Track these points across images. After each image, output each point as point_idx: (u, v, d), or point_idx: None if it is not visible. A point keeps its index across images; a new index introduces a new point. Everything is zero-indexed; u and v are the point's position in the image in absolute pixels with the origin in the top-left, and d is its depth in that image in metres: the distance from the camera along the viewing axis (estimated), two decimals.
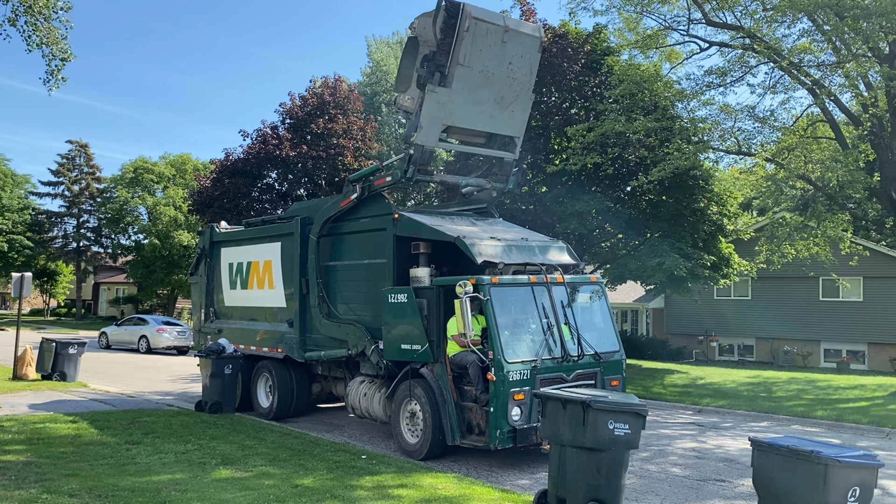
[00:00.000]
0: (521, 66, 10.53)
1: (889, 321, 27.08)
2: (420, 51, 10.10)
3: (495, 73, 10.28)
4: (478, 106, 10.43)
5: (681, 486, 8.76)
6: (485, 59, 10.02)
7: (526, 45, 10.37)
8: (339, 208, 11.55)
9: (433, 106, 9.98)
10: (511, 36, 10.08)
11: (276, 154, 28.89)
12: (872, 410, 14.69)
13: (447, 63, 9.74)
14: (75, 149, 55.13)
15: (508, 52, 10.21)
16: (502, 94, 10.57)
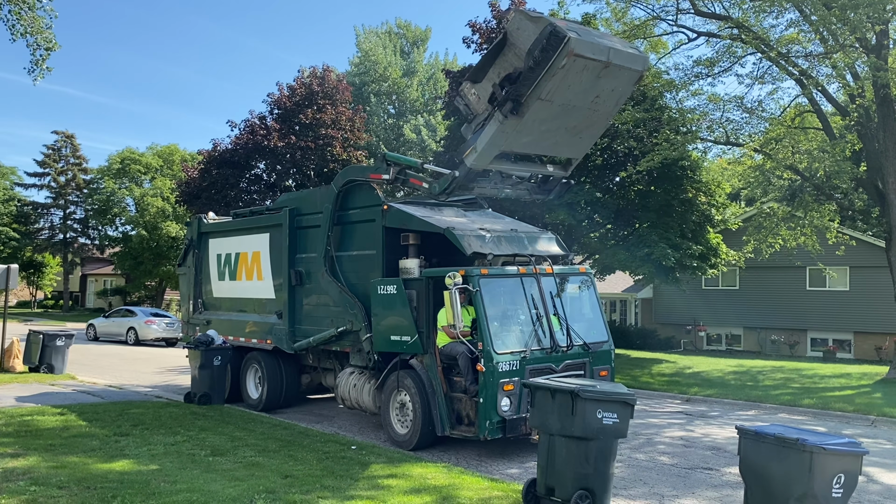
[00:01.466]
0: (608, 100, 9.32)
1: (875, 310, 27.33)
2: (506, 59, 8.90)
3: (577, 106, 9.08)
4: (545, 134, 9.38)
5: (669, 475, 8.83)
6: (570, 94, 8.78)
7: (622, 78, 9.09)
8: (367, 177, 10.95)
9: (497, 134, 8.93)
10: (610, 71, 8.73)
11: (265, 144, 28.76)
12: (858, 399, 14.84)
13: (526, 94, 8.55)
14: (61, 139, 54.73)
15: (599, 87, 8.92)
16: (576, 124, 9.45)
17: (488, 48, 9.38)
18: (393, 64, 48.37)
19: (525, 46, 8.57)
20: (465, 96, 9.58)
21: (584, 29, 8.89)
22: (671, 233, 21.58)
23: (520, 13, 8.84)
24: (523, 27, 8.68)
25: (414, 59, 50.49)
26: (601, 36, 9.05)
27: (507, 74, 8.84)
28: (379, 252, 10.69)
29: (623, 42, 9.35)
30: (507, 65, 8.95)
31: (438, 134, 38.11)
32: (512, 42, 8.81)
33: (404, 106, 48.19)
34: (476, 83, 9.29)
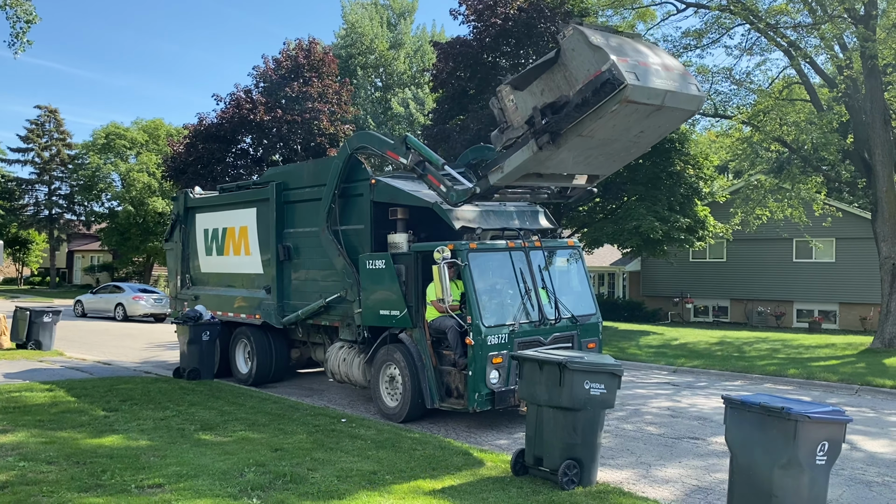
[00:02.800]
0: (651, 134, 8.90)
1: (860, 281, 27.60)
2: (554, 78, 8.28)
3: (618, 140, 8.69)
4: (577, 159, 9.01)
5: (656, 444, 8.93)
6: (614, 131, 8.39)
7: (673, 118, 8.69)
8: (383, 151, 10.46)
9: (528, 161, 8.57)
10: (662, 112, 8.29)
11: (251, 118, 28.51)
12: (842, 368, 15.02)
13: (567, 128, 8.15)
14: (44, 114, 54.00)
15: (646, 124, 8.49)
16: (613, 152, 9.12)
17: (537, 62, 8.42)
18: (379, 36, 47.85)
19: (577, 73, 7.93)
20: (502, 100, 8.88)
21: (643, 66, 7.95)
22: (659, 206, 21.64)
23: (579, 34, 7.95)
24: (579, 51, 7.93)
25: (401, 31, 49.94)
26: (659, 71, 8.15)
27: (550, 102, 8.20)
28: (367, 227, 10.66)
29: (683, 78, 8.46)
30: (553, 85, 8.30)
31: (427, 107, 37.85)
32: (563, 62, 8.12)
33: (391, 79, 47.79)
34: (517, 90, 8.64)
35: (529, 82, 8.50)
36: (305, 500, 6.17)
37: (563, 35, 8.12)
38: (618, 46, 7.98)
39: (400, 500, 6.22)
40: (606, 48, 7.73)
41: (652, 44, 9.12)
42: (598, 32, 8.13)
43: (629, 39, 8.47)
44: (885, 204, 18.31)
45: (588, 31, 7.92)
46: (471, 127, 23.31)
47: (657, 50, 8.80)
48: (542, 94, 8.38)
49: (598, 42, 7.77)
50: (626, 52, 7.96)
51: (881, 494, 7.10)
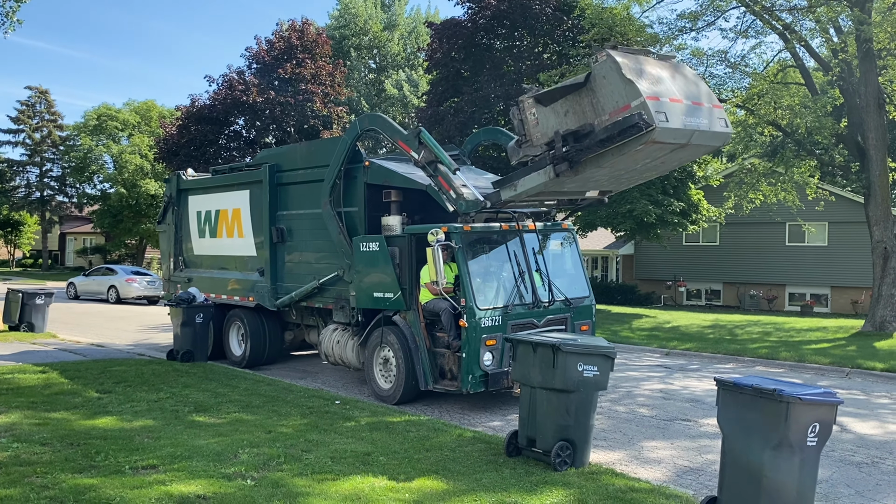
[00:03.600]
0: (672, 163, 8.84)
1: (852, 265, 27.73)
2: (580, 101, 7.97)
3: (636, 169, 8.68)
4: (594, 183, 8.97)
5: (648, 426, 8.99)
6: (634, 163, 8.34)
7: (696, 151, 8.60)
8: (395, 140, 10.16)
9: (543, 184, 8.56)
10: (686, 148, 8.18)
11: (243, 100, 28.33)
12: (833, 351, 15.13)
13: (585, 159, 8.05)
14: (35, 95, 53.53)
15: (668, 157, 8.39)
16: (629, 176, 9.09)
17: (566, 82, 8.21)
18: (373, 17, 47.52)
19: (605, 102, 7.74)
20: (524, 111, 8.64)
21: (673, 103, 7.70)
22: (653, 189, 21.65)
23: (612, 62, 7.67)
24: (610, 80, 7.70)
25: (395, 12, 49.59)
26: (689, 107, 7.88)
27: (574, 130, 8.01)
28: (361, 209, 10.63)
29: (711, 113, 8.22)
30: (578, 108, 8.09)
31: (420, 89, 37.66)
32: (592, 88, 7.89)
33: (385, 60, 47.51)
34: (540, 104, 8.43)
35: (555, 100, 8.29)
36: (300, 480, 6.19)
37: (595, 59, 7.86)
38: (649, 77, 7.75)
39: (394, 480, 6.25)
40: (638, 82, 7.51)
41: (681, 66, 8.64)
42: (631, 57, 7.88)
43: (660, 64, 8.18)
44: (877, 188, 18.36)
45: (621, 60, 7.65)
46: (465, 109, 23.24)
47: (686, 72, 8.56)
48: (565, 114, 8.18)
49: (631, 75, 7.54)
50: (656, 83, 7.76)
51: (870, 475, 7.17)
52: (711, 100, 8.44)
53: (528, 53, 24.06)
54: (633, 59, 7.84)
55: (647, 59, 8.09)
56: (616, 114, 7.65)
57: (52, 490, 5.77)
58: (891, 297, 18.01)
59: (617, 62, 7.60)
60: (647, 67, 7.93)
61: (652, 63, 8.08)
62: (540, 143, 8.39)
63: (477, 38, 24.18)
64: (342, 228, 10.68)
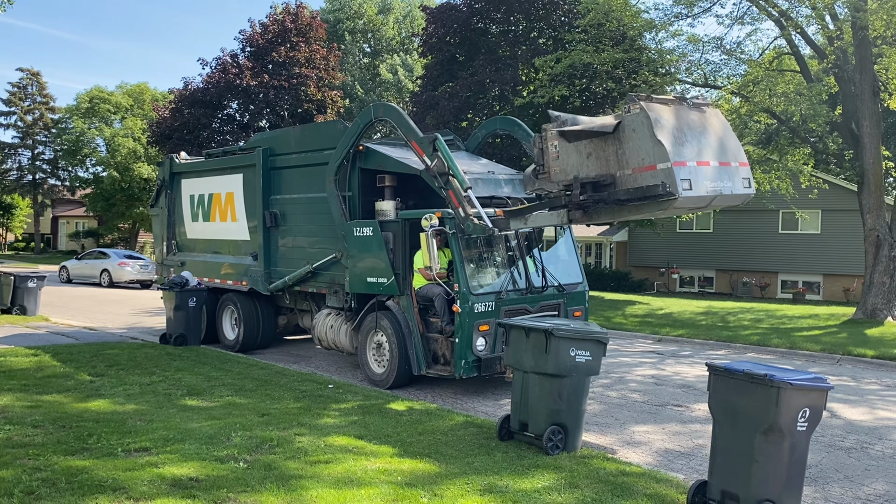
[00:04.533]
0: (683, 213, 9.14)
1: (844, 253, 27.84)
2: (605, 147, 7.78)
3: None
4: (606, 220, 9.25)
5: (639, 411, 9.04)
6: (648, 215, 8.48)
7: (712, 209, 8.65)
8: (409, 139, 9.73)
9: (553, 223, 8.58)
10: (702, 208, 8.18)
11: (237, 83, 28.17)
12: (825, 338, 15.22)
13: (602, 210, 8.08)
14: (26, 77, 53.07)
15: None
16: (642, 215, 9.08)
17: (594, 125, 7.95)
18: (368, 0, 47.17)
19: (630, 156, 7.58)
20: (546, 141, 8.41)
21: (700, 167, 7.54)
22: None
23: (645, 117, 7.44)
24: (640, 135, 7.50)
25: None
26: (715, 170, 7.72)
27: (593, 179, 7.84)
28: (355, 194, 10.59)
29: (737, 173, 8.12)
30: (602, 154, 7.91)
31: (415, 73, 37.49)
32: (619, 138, 7.72)
33: (380, 44, 47.23)
34: (564, 139, 8.21)
35: (579, 139, 8.08)
36: (292, 463, 6.20)
37: (628, 109, 7.63)
38: (679, 136, 7.57)
39: (387, 464, 6.28)
40: (668, 143, 7.32)
41: (714, 115, 8.29)
42: (663, 109, 7.64)
43: (692, 116, 7.98)
44: (871, 176, 18.40)
45: (654, 116, 7.43)
46: (460, 94, 23.15)
47: (716, 124, 8.29)
48: (588, 157, 8.02)
49: (662, 135, 7.35)
50: (686, 143, 7.60)
51: (859, 460, 7.23)
52: (738, 157, 8.31)
53: (523, 38, 23.96)
54: (665, 113, 7.65)
55: (680, 108, 7.87)
56: (640, 171, 7.53)
57: (45, 472, 5.77)
58: (882, 285, 18.11)
59: (649, 119, 7.42)
60: (679, 122, 7.75)
61: (684, 115, 7.89)
62: (558, 179, 8.24)
63: (472, 23, 24.05)
64: (344, 210, 10.51)
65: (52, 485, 5.51)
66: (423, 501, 5.43)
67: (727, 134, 8.44)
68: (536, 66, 20.50)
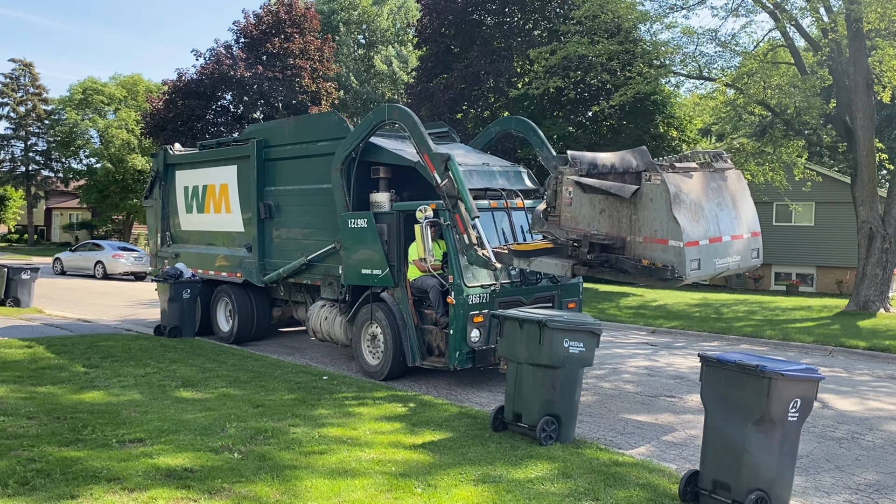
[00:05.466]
0: None
1: (838, 245, 27.92)
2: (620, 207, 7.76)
3: None
4: None
5: (633, 402, 9.09)
6: None
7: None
8: (421, 154, 9.45)
9: (556, 271, 8.52)
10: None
11: (231, 75, 28.06)
12: (817, 330, 15.29)
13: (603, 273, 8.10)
14: (19, 68, 52.73)
15: None
16: None
17: (612, 186, 7.81)
18: None
19: (643, 224, 7.57)
20: (560, 184, 8.33)
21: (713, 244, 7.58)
22: None
23: (664, 191, 7.34)
24: (657, 205, 7.44)
25: None
26: (728, 245, 7.76)
27: (603, 241, 7.82)
28: (350, 185, 10.57)
29: (748, 246, 8.26)
30: (615, 214, 7.88)
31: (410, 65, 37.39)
32: (635, 204, 7.66)
33: (375, 36, 47.07)
34: (579, 188, 8.17)
35: (595, 193, 8.03)
36: (286, 453, 6.22)
37: (648, 177, 7.56)
38: (696, 211, 7.55)
39: (381, 454, 6.30)
40: (683, 221, 7.29)
41: (736, 181, 8.35)
42: (684, 180, 7.56)
43: (714, 185, 7.98)
44: (864, 168, 18.45)
45: (674, 190, 7.33)
46: (455, 85, 23.12)
47: (737, 192, 8.32)
48: (600, 213, 8.01)
49: (679, 211, 7.32)
50: (703, 218, 7.58)
51: (850, 450, 7.29)
52: (752, 227, 8.41)
53: (518, 30, 23.92)
54: (685, 185, 7.59)
55: (702, 177, 7.84)
56: (651, 241, 7.55)
57: (39, 463, 5.78)
58: (875, 277, 18.18)
59: (668, 193, 7.35)
60: (697, 196, 7.71)
61: (704, 185, 7.85)
62: (568, 227, 8.23)
63: (467, 14, 23.99)
64: (348, 201, 10.41)
65: (47, 475, 5.53)
66: (417, 492, 5.46)
67: (745, 201, 8.47)
68: (531, 58, 20.46)
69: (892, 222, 18.11)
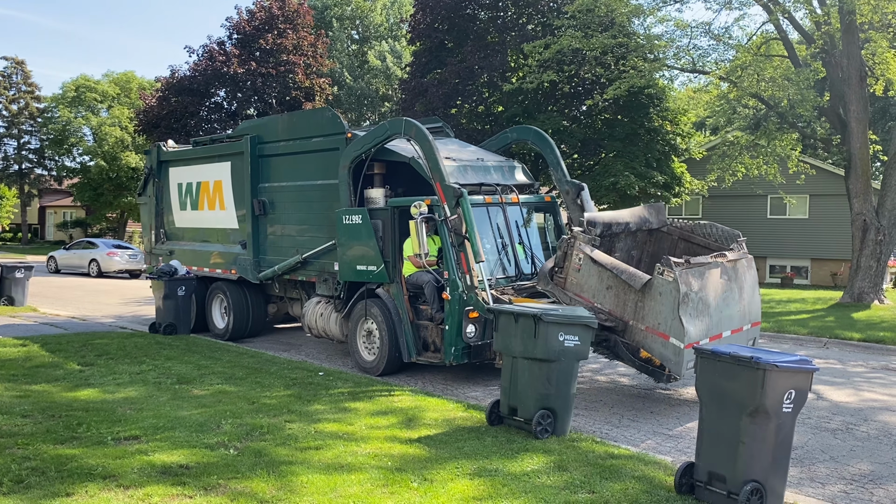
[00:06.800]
0: None
1: (832, 237, 27.99)
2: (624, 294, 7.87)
3: None
4: None
5: (628, 395, 9.10)
6: None
7: None
8: (433, 182, 9.28)
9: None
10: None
11: (224, 71, 27.97)
12: (812, 322, 15.33)
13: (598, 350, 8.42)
14: (11, 66, 52.42)
15: None
16: None
17: (624, 273, 7.92)
18: None
19: (649, 315, 7.64)
20: (572, 248, 8.33)
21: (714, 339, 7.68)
22: (636, 162, 21.68)
23: (675, 289, 7.39)
24: (665, 301, 7.48)
25: None
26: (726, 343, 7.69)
27: (606, 322, 7.87)
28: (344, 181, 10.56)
29: (746, 337, 8.43)
30: (621, 294, 7.97)
31: (404, 60, 37.31)
32: (643, 293, 7.72)
33: (368, 31, 46.93)
34: (591, 259, 8.17)
35: (604, 270, 8.07)
36: (282, 449, 6.22)
37: (661, 272, 7.58)
38: (703, 307, 7.59)
39: (377, 449, 6.30)
40: (688, 322, 7.35)
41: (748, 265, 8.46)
42: (695, 281, 7.55)
43: (725, 276, 8.01)
44: (858, 160, 18.49)
45: (685, 290, 7.36)
46: (449, 80, 23.07)
47: (747, 278, 8.36)
48: (607, 289, 8.05)
49: (685, 312, 7.38)
50: (707, 315, 7.64)
51: (844, 441, 7.32)
52: (753, 316, 8.61)
53: (512, 24, 23.87)
54: (696, 284, 7.59)
55: (714, 272, 7.85)
56: (653, 333, 7.63)
57: (34, 461, 5.77)
58: (869, 269, 18.24)
59: (679, 292, 7.37)
60: (706, 293, 7.70)
61: (714, 280, 7.86)
62: (572, 292, 8.26)
63: (461, 9, 23.93)
64: (353, 199, 10.25)
65: (42, 473, 5.51)
66: (414, 486, 5.46)
67: (753, 292, 8.55)
68: (525, 52, 20.44)
69: (886, 214, 18.17)
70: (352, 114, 41.90)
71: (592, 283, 8.18)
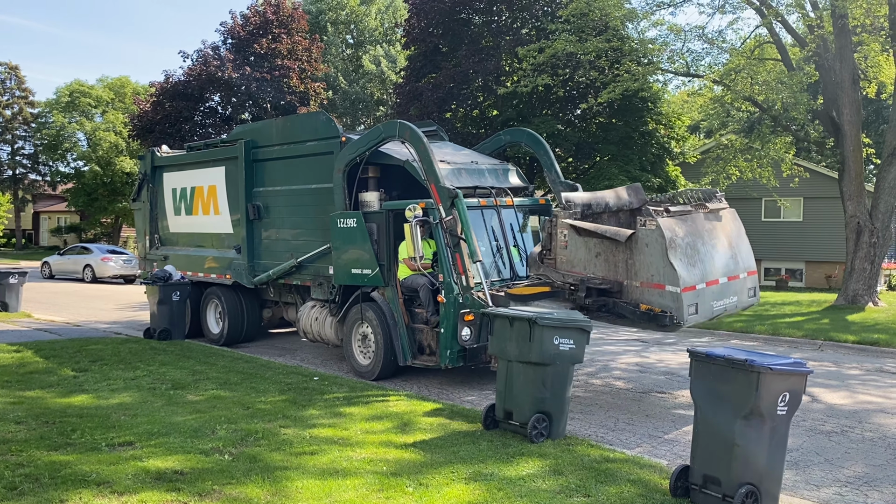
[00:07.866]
0: None
1: (826, 240, 28.07)
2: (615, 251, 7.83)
3: None
4: None
5: (624, 398, 9.10)
6: None
7: None
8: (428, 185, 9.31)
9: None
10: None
11: (219, 76, 27.96)
12: (807, 325, 15.36)
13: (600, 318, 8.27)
14: (5, 71, 52.30)
15: None
16: None
17: (607, 230, 7.86)
18: None
19: (639, 268, 7.65)
20: (555, 227, 8.33)
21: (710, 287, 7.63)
22: (631, 165, 21.73)
23: (660, 235, 7.40)
24: (652, 250, 7.49)
25: None
26: (725, 287, 7.81)
27: (599, 287, 7.85)
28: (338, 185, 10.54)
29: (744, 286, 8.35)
30: (611, 258, 7.96)
31: (399, 64, 37.34)
32: (631, 248, 7.72)
33: (363, 35, 46.98)
34: (574, 231, 8.17)
35: (590, 236, 8.05)
36: (277, 455, 6.20)
37: (643, 223, 7.57)
38: (692, 255, 7.53)
39: (372, 454, 6.29)
40: (680, 267, 7.29)
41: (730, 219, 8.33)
42: (679, 223, 7.53)
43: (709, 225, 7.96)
44: (851, 163, 18.55)
45: (670, 235, 7.33)
46: (443, 85, 23.11)
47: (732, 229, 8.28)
48: (596, 256, 8.02)
49: (675, 256, 7.34)
50: (700, 261, 7.58)
51: (839, 444, 7.32)
52: (748, 265, 8.41)
53: (506, 28, 23.94)
54: (680, 229, 7.58)
55: (696, 219, 7.84)
56: (648, 286, 7.60)
57: (28, 468, 5.74)
58: (863, 271, 18.29)
59: (664, 238, 7.35)
60: (693, 239, 7.70)
61: (699, 227, 7.85)
62: (564, 270, 8.23)
63: (455, 13, 23.97)
64: (348, 202, 10.23)
65: (35, 480, 5.49)
66: (409, 491, 5.45)
67: (740, 240, 8.47)
68: (520, 56, 20.47)
69: (880, 216, 18.23)
70: (346, 118, 41.92)
71: (581, 255, 8.16)
